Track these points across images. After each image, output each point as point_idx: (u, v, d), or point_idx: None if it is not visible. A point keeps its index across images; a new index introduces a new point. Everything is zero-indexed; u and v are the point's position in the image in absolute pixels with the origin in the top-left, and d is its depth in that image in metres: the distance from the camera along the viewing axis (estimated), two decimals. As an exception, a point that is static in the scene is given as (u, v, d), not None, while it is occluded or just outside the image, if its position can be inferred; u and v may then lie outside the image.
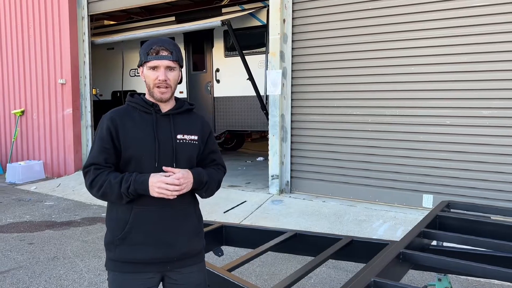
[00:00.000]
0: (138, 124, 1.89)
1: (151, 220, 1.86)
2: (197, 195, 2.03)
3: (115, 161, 1.88)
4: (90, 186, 1.85)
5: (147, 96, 1.95)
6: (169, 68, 1.88)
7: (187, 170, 1.88)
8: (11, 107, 9.70)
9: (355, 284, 1.79)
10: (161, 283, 1.97)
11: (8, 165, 8.85)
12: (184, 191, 1.84)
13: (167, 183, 1.77)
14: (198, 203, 2.05)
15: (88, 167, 1.86)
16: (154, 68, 1.87)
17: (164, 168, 1.83)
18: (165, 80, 1.87)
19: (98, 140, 1.88)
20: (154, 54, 1.86)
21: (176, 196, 1.81)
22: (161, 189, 1.77)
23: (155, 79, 1.87)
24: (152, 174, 1.81)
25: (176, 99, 2.02)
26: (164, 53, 1.86)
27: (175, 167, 1.87)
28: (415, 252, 2.15)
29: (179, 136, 1.92)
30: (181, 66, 1.96)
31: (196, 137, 1.97)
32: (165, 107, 1.95)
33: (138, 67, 1.95)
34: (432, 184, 5.34)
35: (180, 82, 1.99)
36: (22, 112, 9.48)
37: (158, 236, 1.87)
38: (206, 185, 1.95)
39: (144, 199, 1.83)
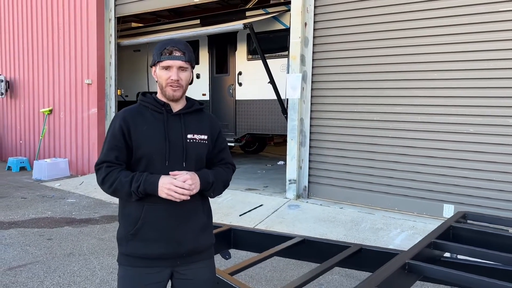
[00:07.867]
0: (150, 123, 1.93)
1: (161, 216, 1.90)
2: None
3: (127, 159, 1.92)
4: (102, 183, 1.89)
5: (159, 96, 1.99)
6: (182, 68, 1.92)
7: (193, 172, 1.90)
8: (40, 106, 10.01)
9: (354, 294, 1.74)
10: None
11: (35, 162, 9.10)
12: (192, 193, 1.86)
13: (176, 185, 1.81)
14: (207, 200, 2.07)
15: (100, 164, 1.90)
16: (167, 68, 1.90)
17: (171, 173, 1.86)
18: (178, 80, 1.90)
19: (110, 138, 1.92)
20: (167, 54, 1.89)
21: (183, 199, 1.84)
22: (170, 191, 1.81)
23: (168, 79, 1.90)
24: (162, 176, 1.84)
25: (187, 98, 2.04)
26: (177, 54, 1.90)
27: (185, 167, 1.91)
28: (422, 264, 2.06)
29: (189, 136, 1.96)
30: (193, 67, 2.00)
31: (205, 137, 2.00)
32: (176, 107, 1.98)
33: (151, 66, 1.99)
34: (453, 194, 5.15)
35: (191, 83, 2.02)
36: (50, 111, 9.75)
37: (168, 233, 1.90)
38: (213, 186, 1.98)
39: (155, 196, 1.85)
